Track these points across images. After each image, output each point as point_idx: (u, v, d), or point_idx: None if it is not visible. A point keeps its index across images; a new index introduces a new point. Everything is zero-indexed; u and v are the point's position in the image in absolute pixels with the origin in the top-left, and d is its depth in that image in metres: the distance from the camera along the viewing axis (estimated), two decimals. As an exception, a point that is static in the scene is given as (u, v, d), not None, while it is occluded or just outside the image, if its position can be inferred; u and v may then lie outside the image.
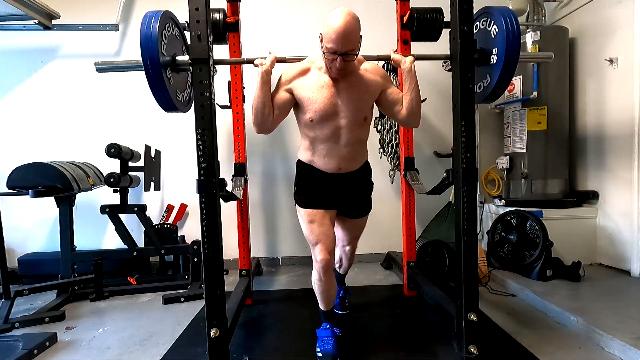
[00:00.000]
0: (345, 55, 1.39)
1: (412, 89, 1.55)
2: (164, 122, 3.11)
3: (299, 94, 1.53)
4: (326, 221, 1.61)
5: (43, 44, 3.09)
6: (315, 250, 1.59)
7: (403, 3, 2.26)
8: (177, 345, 1.81)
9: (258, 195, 3.15)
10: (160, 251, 2.70)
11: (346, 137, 1.55)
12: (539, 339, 1.76)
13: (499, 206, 2.95)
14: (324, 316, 1.75)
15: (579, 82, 2.91)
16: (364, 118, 1.57)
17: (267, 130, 1.56)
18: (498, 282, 2.54)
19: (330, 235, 1.61)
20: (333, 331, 1.69)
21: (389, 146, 2.69)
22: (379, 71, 1.60)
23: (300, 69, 1.55)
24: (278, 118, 1.56)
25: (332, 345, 1.61)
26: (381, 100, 1.61)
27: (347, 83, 1.52)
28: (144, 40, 1.37)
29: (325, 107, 1.50)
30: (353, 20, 1.37)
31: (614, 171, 2.63)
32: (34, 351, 1.73)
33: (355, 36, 1.39)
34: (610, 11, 2.60)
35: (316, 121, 1.52)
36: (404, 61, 1.55)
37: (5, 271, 2.12)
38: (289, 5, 3.10)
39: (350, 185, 1.66)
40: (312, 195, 1.62)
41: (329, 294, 1.69)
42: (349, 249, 1.92)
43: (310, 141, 1.59)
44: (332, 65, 1.43)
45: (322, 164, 1.59)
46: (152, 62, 1.38)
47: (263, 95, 1.49)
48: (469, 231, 1.52)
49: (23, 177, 2.32)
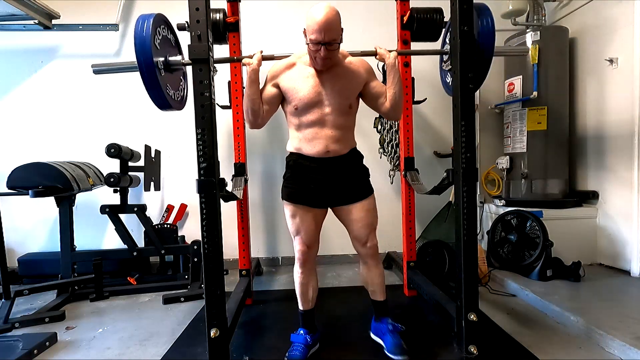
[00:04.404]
0: (328, 44, 1.45)
1: (395, 82, 1.61)
2: (164, 122, 3.11)
3: (285, 86, 1.59)
4: (308, 217, 1.64)
5: (43, 44, 3.09)
6: (295, 241, 1.66)
7: (403, 3, 2.26)
8: (177, 345, 1.81)
9: (258, 195, 3.15)
10: (160, 251, 2.70)
11: (331, 123, 1.59)
12: (539, 339, 1.76)
13: (499, 206, 2.95)
14: (301, 319, 1.73)
15: (579, 82, 2.91)
16: (348, 106, 1.62)
17: (258, 126, 1.62)
18: (498, 282, 2.54)
19: (311, 228, 1.65)
20: (306, 338, 1.67)
21: (389, 146, 2.69)
22: (363, 64, 1.65)
23: (287, 63, 1.62)
24: (268, 113, 1.62)
25: (301, 352, 1.61)
26: (365, 92, 1.66)
27: (331, 74, 1.58)
28: (138, 43, 1.44)
29: (310, 95, 1.56)
30: (333, 12, 1.45)
31: (614, 171, 2.63)
32: (34, 351, 1.73)
33: (336, 26, 1.46)
34: (610, 11, 2.60)
35: (301, 108, 1.58)
36: (388, 56, 1.62)
37: (5, 271, 2.12)
38: (289, 5, 3.11)
39: (340, 170, 1.63)
40: (297, 190, 1.64)
41: (306, 289, 1.70)
42: (369, 247, 1.68)
43: (296, 127, 1.63)
44: (317, 56, 1.49)
45: (309, 148, 1.60)
46: (146, 63, 1.44)
47: (252, 93, 1.55)
48: (469, 231, 1.52)
49: (23, 177, 2.32)
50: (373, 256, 1.71)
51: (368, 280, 1.76)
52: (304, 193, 1.63)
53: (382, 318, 1.75)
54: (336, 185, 1.64)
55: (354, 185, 1.67)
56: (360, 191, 1.68)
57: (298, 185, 1.64)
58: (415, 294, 2.35)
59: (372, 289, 1.76)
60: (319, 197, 1.64)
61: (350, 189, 1.66)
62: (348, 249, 1.96)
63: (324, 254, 3.17)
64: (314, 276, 1.73)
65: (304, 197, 1.63)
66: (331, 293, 2.46)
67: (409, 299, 2.34)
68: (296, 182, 1.65)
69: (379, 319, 1.76)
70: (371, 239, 1.69)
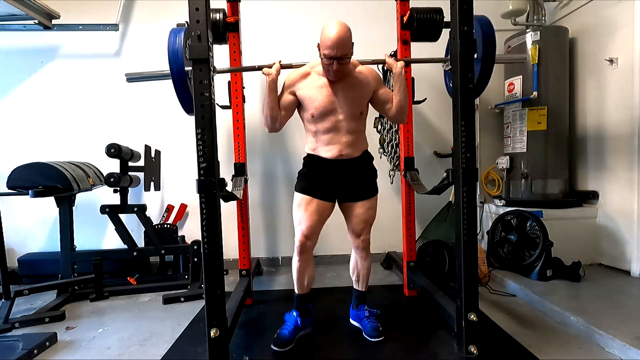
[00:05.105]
0: (340, 59, 1.59)
1: (400, 90, 1.75)
2: (164, 122, 3.11)
3: (301, 95, 1.73)
4: (313, 207, 1.75)
5: (43, 44, 3.09)
6: (296, 229, 1.79)
7: (403, 3, 2.26)
8: (177, 345, 1.81)
9: (258, 195, 3.15)
10: (160, 251, 2.70)
11: (345, 128, 1.73)
12: (539, 339, 1.76)
13: (499, 206, 2.95)
14: (296, 302, 1.87)
15: (579, 82, 2.91)
16: (359, 113, 1.77)
17: (276, 130, 1.78)
18: (498, 282, 2.54)
19: (314, 220, 1.75)
20: (297, 320, 1.82)
21: (389, 146, 2.69)
22: (372, 73, 1.80)
23: (302, 73, 1.76)
24: (285, 117, 1.77)
25: (289, 332, 1.76)
26: (374, 99, 1.81)
27: (343, 84, 1.72)
28: (171, 55, 1.59)
29: (325, 105, 1.70)
30: (345, 30, 1.58)
31: (614, 171, 2.63)
32: (34, 351, 1.73)
33: (347, 42, 1.60)
34: (610, 11, 2.60)
35: (317, 116, 1.72)
36: (396, 65, 1.76)
37: (5, 271, 2.12)
38: (289, 5, 3.11)
39: (352, 170, 1.78)
40: (309, 183, 1.78)
41: (302, 275, 1.83)
42: (362, 240, 1.85)
43: (313, 134, 1.77)
44: (330, 69, 1.63)
45: (325, 151, 1.75)
46: (178, 72, 1.59)
47: (271, 101, 1.70)
48: (469, 231, 1.52)
49: (23, 177, 2.32)
50: (364, 249, 1.89)
51: (355, 270, 1.93)
52: (314, 185, 1.78)
53: (359, 305, 1.94)
54: (345, 183, 1.79)
55: (362, 185, 1.83)
56: (366, 191, 1.84)
57: (310, 179, 1.79)
58: (415, 294, 2.35)
59: (357, 278, 1.95)
60: (327, 191, 1.78)
61: (358, 188, 1.82)
62: (348, 250, 1.97)
63: (324, 254, 3.17)
64: (311, 265, 1.86)
65: (313, 189, 1.77)
66: (331, 293, 2.47)
67: (409, 299, 2.34)
68: (309, 176, 1.80)
69: (357, 306, 1.95)
70: (365, 233, 1.85)
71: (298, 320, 1.82)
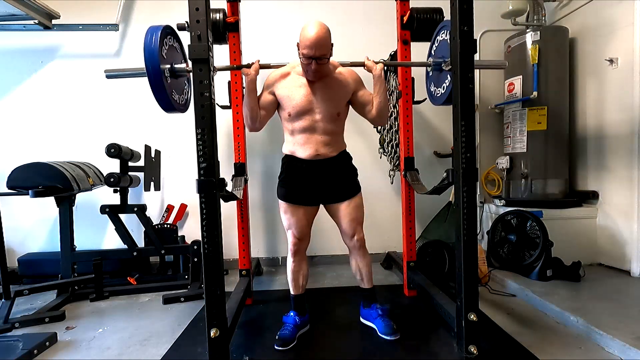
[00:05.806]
0: (318, 59, 1.60)
1: (380, 92, 1.76)
2: (164, 122, 3.11)
3: (280, 94, 1.75)
4: (299, 213, 1.81)
5: (43, 44, 3.09)
6: (288, 233, 1.85)
7: (403, 3, 2.26)
8: (177, 345, 1.81)
9: (258, 195, 3.15)
10: (160, 251, 2.69)
11: (321, 128, 1.75)
12: (539, 339, 1.76)
13: (499, 206, 2.95)
14: (292, 302, 1.91)
15: (579, 82, 2.91)
16: (337, 113, 1.77)
17: (256, 129, 1.79)
18: (498, 282, 2.54)
19: (302, 223, 1.82)
20: (295, 319, 1.85)
21: (389, 146, 2.69)
22: (352, 75, 1.81)
23: (282, 72, 1.78)
24: (265, 117, 1.78)
25: (290, 332, 1.78)
26: (354, 100, 1.82)
27: (322, 84, 1.73)
28: (147, 53, 1.53)
29: (302, 104, 1.71)
30: (324, 30, 1.58)
31: (614, 171, 2.63)
32: (34, 351, 1.73)
33: (326, 42, 1.60)
34: (610, 11, 2.60)
35: (294, 115, 1.73)
36: (375, 68, 1.76)
37: (5, 271, 2.12)
38: (289, 5, 3.10)
39: (330, 170, 1.80)
40: (290, 189, 1.81)
41: (297, 276, 1.89)
42: (356, 240, 1.85)
43: (290, 133, 1.79)
44: (309, 69, 1.64)
45: (302, 151, 1.76)
46: (153, 70, 1.53)
47: (250, 101, 1.71)
48: (469, 231, 1.52)
49: (23, 177, 2.32)
50: (360, 248, 1.88)
51: (357, 270, 1.94)
52: (296, 192, 1.80)
53: (370, 304, 1.94)
54: (326, 185, 1.81)
55: (343, 184, 1.84)
56: (348, 190, 1.85)
57: (291, 185, 1.81)
58: (415, 294, 2.35)
59: (361, 277, 1.94)
60: (309, 196, 1.81)
61: (339, 189, 1.83)
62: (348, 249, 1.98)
63: (324, 254, 3.17)
64: (305, 265, 1.91)
65: (295, 196, 1.80)
66: (331, 293, 2.47)
67: (409, 299, 2.34)
68: (289, 182, 1.81)
69: (368, 305, 1.95)
70: (358, 232, 1.86)
71: (297, 319, 1.85)
